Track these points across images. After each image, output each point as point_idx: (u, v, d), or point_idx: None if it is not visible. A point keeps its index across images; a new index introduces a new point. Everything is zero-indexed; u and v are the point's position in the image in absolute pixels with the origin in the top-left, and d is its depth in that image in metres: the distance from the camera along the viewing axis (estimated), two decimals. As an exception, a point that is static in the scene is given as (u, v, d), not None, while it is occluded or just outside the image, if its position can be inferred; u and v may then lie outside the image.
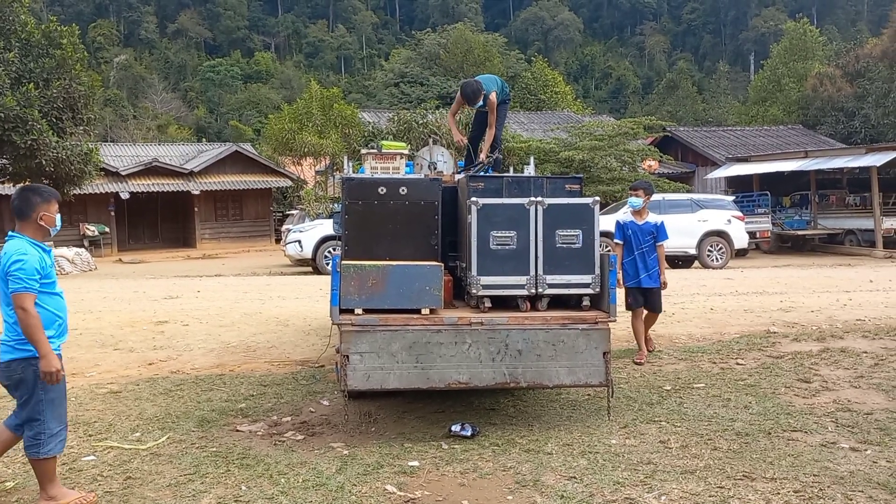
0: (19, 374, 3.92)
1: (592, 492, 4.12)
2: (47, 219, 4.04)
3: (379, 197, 5.56)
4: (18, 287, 3.82)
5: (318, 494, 4.12)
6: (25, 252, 3.89)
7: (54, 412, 3.99)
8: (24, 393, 3.94)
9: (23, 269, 3.83)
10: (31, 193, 4.07)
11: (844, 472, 4.35)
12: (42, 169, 18.75)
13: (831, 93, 37.63)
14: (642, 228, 7.54)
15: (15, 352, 3.91)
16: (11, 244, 3.95)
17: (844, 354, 7.42)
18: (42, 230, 4.04)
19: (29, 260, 3.87)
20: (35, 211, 4.01)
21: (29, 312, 3.80)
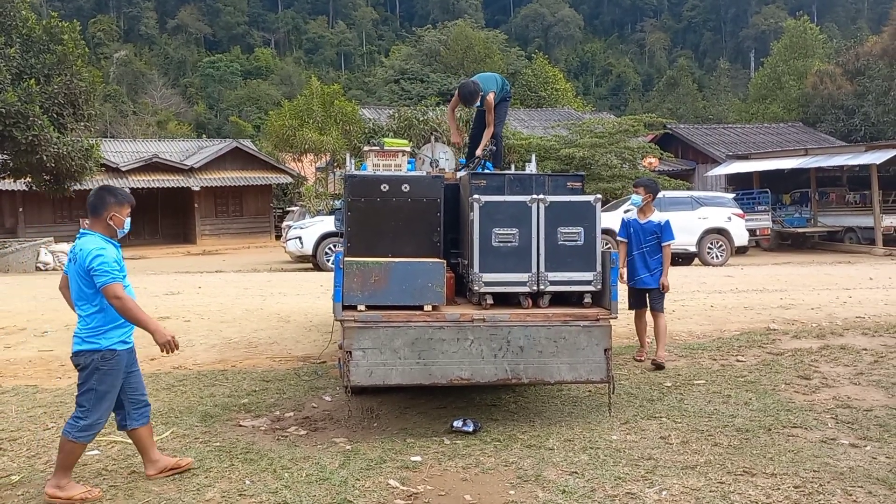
0: (83, 363, 4.17)
1: (594, 487, 4.15)
2: (116, 220, 4.25)
3: (382, 194, 5.59)
4: (106, 279, 4.02)
5: (321, 489, 4.15)
6: (102, 247, 4.11)
7: (101, 406, 4.17)
8: (82, 380, 4.18)
9: (104, 262, 4.04)
10: (107, 194, 4.28)
11: (844, 467, 4.38)
12: (43, 164, 18.78)
13: (831, 90, 37.62)
14: (644, 227, 7.32)
15: (84, 343, 4.17)
16: (86, 241, 4.15)
17: (844, 351, 7.46)
18: (110, 229, 4.25)
19: (107, 253, 4.10)
20: (107, 210, 4.21)
21: (123, 299, 4.04)
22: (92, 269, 4.03)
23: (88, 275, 4.07)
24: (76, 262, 4.14)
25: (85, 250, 4.07)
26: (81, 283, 4.12)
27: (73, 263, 4.20)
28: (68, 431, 4.12)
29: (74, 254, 4.16)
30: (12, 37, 18.73)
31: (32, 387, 6.59)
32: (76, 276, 4.15)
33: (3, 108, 17.09)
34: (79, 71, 19.51)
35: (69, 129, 19.84)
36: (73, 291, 4.21)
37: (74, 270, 4.16)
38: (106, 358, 4.15)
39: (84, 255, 4.06)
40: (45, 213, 29.62)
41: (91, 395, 4.13)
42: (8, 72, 17.78)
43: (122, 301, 4.03)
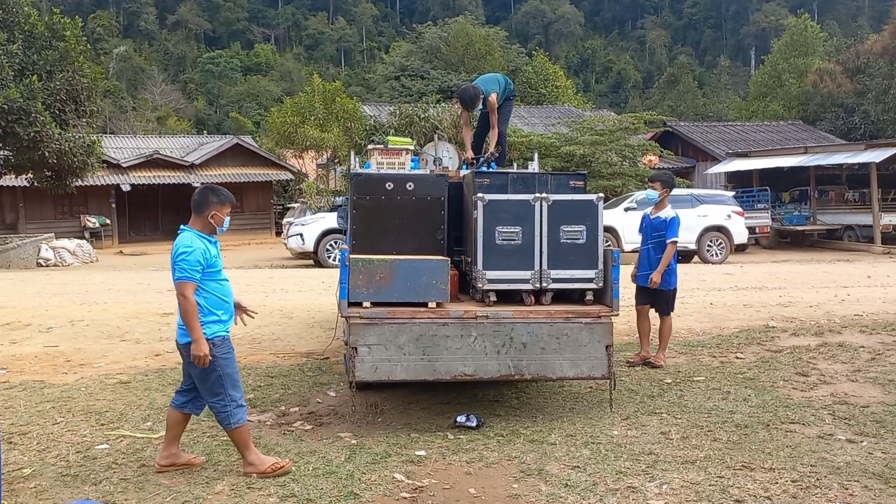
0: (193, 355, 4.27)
1: (595, 481, 4.23)
2: (217, 219, 4.44)
3: (386, 192, 5.67)
4: (181, 276, 4.22)
5: (328, 482, 4.23)
6: (191, 245, 4.27)
7: (234, 384, 4.37)
8: (206, 372, 4.29)
9: (186, 261, 4.22)
10: (211, 193, 4.49)
11: (841, 462, 4.46)
12: (45, 161, 18.86)
13: (831, 89, 37.70)
14: (652, 222, 7.07)
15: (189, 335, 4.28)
16: (182, 237, 4.35)
17: (842, 349, 7.54)
18: (210, 227, 4.44)
19: (194, 252, 4.25)
20: (209, 209, 4.41)
21: (188, 300, 4.21)
22: (175, 262, 4.25)
23: None
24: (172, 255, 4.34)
25: (177, 245, 4.29)
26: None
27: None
28: (227, 423, 4.33)
29: (173, 248, 4.34)
30: (15, 33, 18.79)
31: (39, 382, 6.65)
32: (172, 268, 4.33)
33: (6, 105, 17.15)
34: (80, 67, 19.58)
35: (71, 125, 19.92)
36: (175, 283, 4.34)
37: (172, 263, 4.35)
38: (216, 345, 4.32)
39: (175, 250, 4.28)
40: (46, 210, 29.65)
41: (221, 380, 4.32)
42: (10, 68, 17.85)
43: (186, 301, 4.21)
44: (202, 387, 4.37)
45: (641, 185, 23.00)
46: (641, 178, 23.76)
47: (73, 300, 11.56)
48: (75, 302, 11.34)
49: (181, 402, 4.51)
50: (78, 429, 5.27)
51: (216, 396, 4.33)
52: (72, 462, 4.61)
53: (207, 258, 4.31)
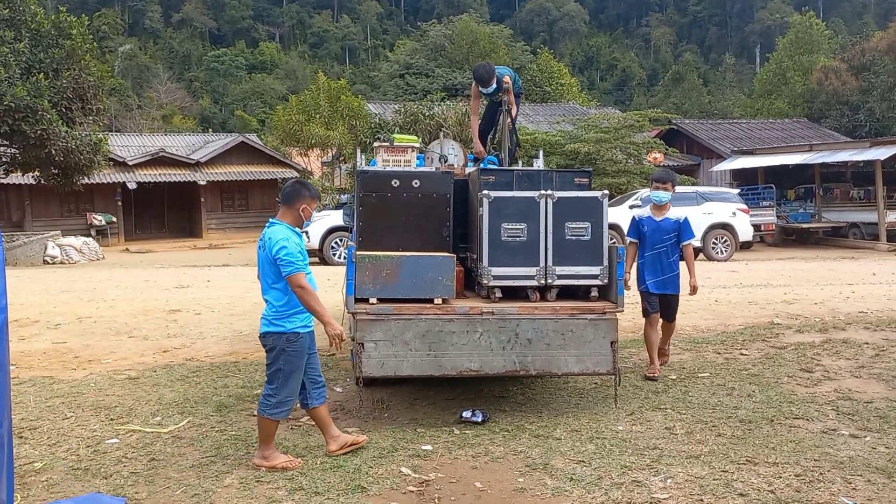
0: (270, 345, 4.48)
1: (601, 475, 4.27)
2: (307, 212, 4.59)
3: (392, 189, 5.71)
4: (291, 269, 4.32)
5: (336, 476, 4.28)
6: (287, 237, 4.40)
7: (289, 384, 4.48)
8: (271, 360, 4.50)
9: (290, 253, 4.34)
10: (302, 187, 4.62)
11: (844, 457, 4.49)
12: (51, 158, 18.96)
13: (836, 86, 37.58)
14: (661, 226, 6.59)
15: (271, 325, 4.47)
16: (275, 231, 4.46)
17: (846, 345, 7.56)
18: (299, 220, 4.57)
19: (291, 244, 4.38)
20: (300, 202, 4.55)
21: (306, 289, 4.33)
22: (278, 258, 4.33)
23: (275, 263, 4.36)
24: (265, 249, 4.43)
25: (273, 239, 4.38)
26: (269, 270, 4.43)
27: (262, 251, 4.50)
28: (263, 409, 4.45)
29: (264, 242, 4.46)
30: (21, 31, 18.87)
31: (49, 378, 6.72)
32: (266, 263, 4.44)
33: (13, 103, 17.25)
34: (87, 65, 19.68)
35: (77, 123, 20.02)
36: (263, 277, 4.51)
37: (263, 258, 4.46)
38: (291, 340, 4.44)
39: (272, 245, 4.37)
40: (53, 207, 29.77)
41: (279, 374, 4.45)
42: (17, 66, 17.93)
43: (305, 291, 4.32)
44: (267, 371, 4.53)
45: (646, 182, 22.98)
46: (646, 176, 23.75)
47: (81, 297, 11.63)
48: (83, 299, 11.41)
49: (305, 401, 4.63)
50: (88, 424, 5.33)
51: (270, 384, 4.48)
52: (82, 456, 4.67)
53: (301, 251, 4.43)
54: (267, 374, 4.53)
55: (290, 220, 4.53)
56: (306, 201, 4.56)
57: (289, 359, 4.44)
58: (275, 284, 4.44)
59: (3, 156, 20.16)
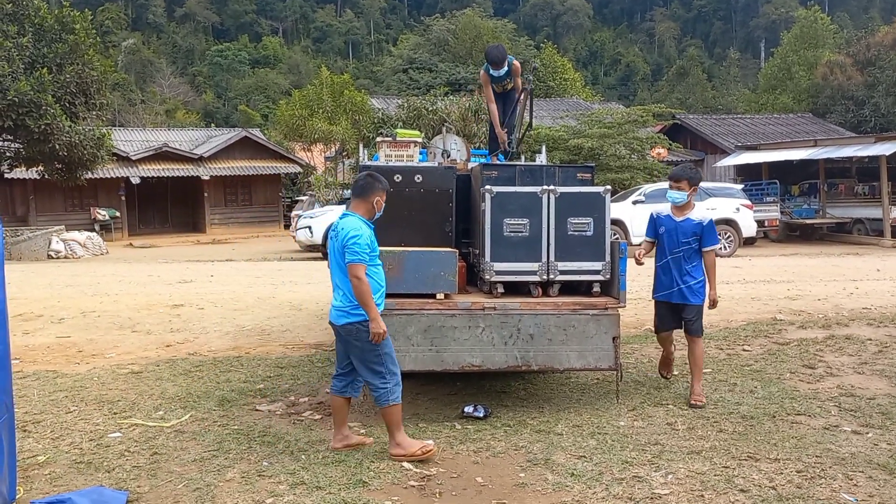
0: (356, 335, 4.48)
1: (602, 470, 4.27)
2: (379, 204, 4.63)
3: (395, 185, 5.70)
4: (354, 258, 4.37)
5: (337, 470, 4.29)
6: (360, 228, 4.45)
7: (393, 363, 4.54)
8: (362, 351, 4.49)
9: (358, 244, 4.38)
10: (375, 179, 4.65)
11: (846, 453, 4.49)
12: (55, 153, 19.00)
13: (841, 81, 37.44)
14: (681, 226, 5.69)
15: (350, 316, 4.48)
16: (349, 222, 4.50)
17: (849, 341, 7.55)
18: (372, 211, 4.61)
19: (363, 235, 4.43)
20: (374, 194, 4.60)
21: (362, 280, 4.37)
22: (346, 246, 4.39)
23: (345, 252, 4.41)
24: (337, 239, 4.49)
25: (346, 230, 4.44)
26: (342, 260, 4.46)
27: (334, 241, 4.55)
28: (385, 400, 4.47)
29: (336, 232, 4.52)
30: (25, 26, 18.90)
31: (52, 372, 6.74)
32: (338, 252, 4.49)
33: (17, 98, 17.28)
34: (90, 60, 19.70)
35: (81, 118, 20.06)
36: (335, 266, 4.55)
37: (336, 248, 4.51)
38: None
39: (344, 234, 4.43)
40: (56, 202, 29.81)
41: (380, 358, 4.48)
42: (21, 61, 17.96)
43: (360, 282, 4.36)
44: (362, 366, 4.51)
45: (650, 178, 22.96)
46: (650, 171, 23.72)
47: (85, 292, 11.66)
48: (86, 293, 11.45)
49: (340, 386, 4.68)
50: (91, 417, 5.35)
51: (376, 374, 4.48)
52: (85, 450, 4.69)
53: (371, 244, 4.47)
54: (368, 365, 4.49)
55: (362, 211, 4.57)
56: (379, 193, 4.60)
57: (383, 341, 4.47)
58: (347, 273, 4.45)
59: (7, 151, 20.20)
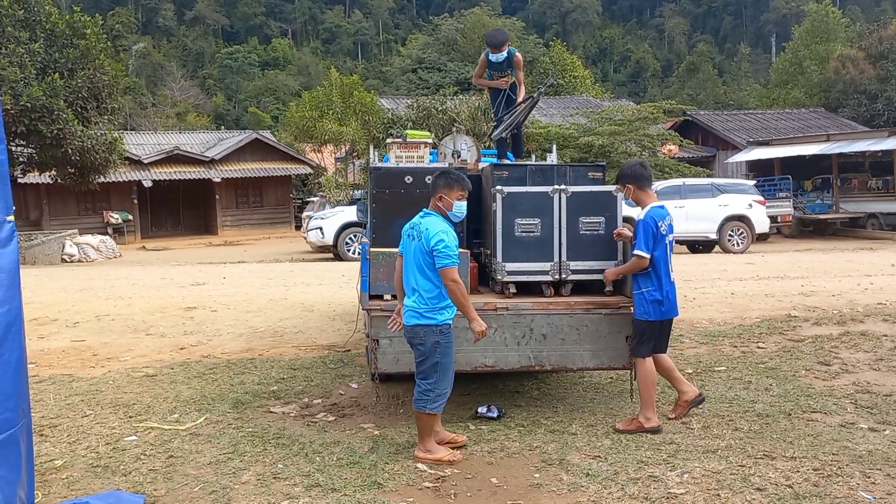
0: (421, 338, 4.44)
1: (617, 470, 4.26)
2: (445, 202, 4.52)
3: (405, 186, 5.71)
4: (447, 262, 4.32)
5: (352, 472, 4.29)
6: (446, 230, 4.41)
7: (446, 376, 4.48)
8: (424, 355, 4.45)
9: (448, 246, 4.34)
10: (437, 177, 4.62)
11: (863, 451, 4.46)
12: (68, 158, 19.14)
13: (854, 75, 37.14)
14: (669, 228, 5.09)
15: (422, 318, 4.42)
16: (432, 222, 4.45)
17: (864, 338, 7.49)
18: (440, 210, 4.53)
19: (449, 236, 4.39)
20: (437, 191, 4.54)
21: (458, 283, 4.35)
22: (435, 250, 4.32)
23: (430, 254, 4.34)
24: (419, 239, 4.41)
25: (431, 231, 4.36)
26: (422, 261, 4.40)
27: (413, 240, 4.48)
28: (422, 406, 4.44)
29: (419, 232, 4.44)
30: (36, 32, 19.03)
31: (68, 376, 6.79)
32: (418, 252, 4.41)
33: (29, 103, 17.39)
34: (101, 65, 19.82)
35: (93, 122, 20.17)
36: (413, 267, 4.45)
37: (416, 248, 4.43)
38: (444, 332, 4.43)
39: (429, 235, 4.35)
40: (70, 206, 30.06)
41: (438, 367, 4.43)
42: (33, 66, 18.08)
43: (458, 285, 4.34)
44: (418, 368, 4.50)
45: (661, 175, 22.87)
46: (661, 169, 23.62)
47: (98, 295, 11.74)
48: (100, 297, 11.52)
49: None
50: (107, 421, 5.38)
51: (427, 378, 4.46)
52: (101, 453, 4.72)
53: (456, 244, 4.42)
54: (421, 369, 4.47)
55: (437, 210, 4.53)
56: (441, 191, 4.53)
57: (444, 350, 4.43)
58: (428, 275, 4.40)
59: (20, 156, 20.35)
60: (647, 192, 5.15)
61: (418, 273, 4.44)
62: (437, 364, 4.43)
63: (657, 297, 4.93)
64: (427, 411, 4.44)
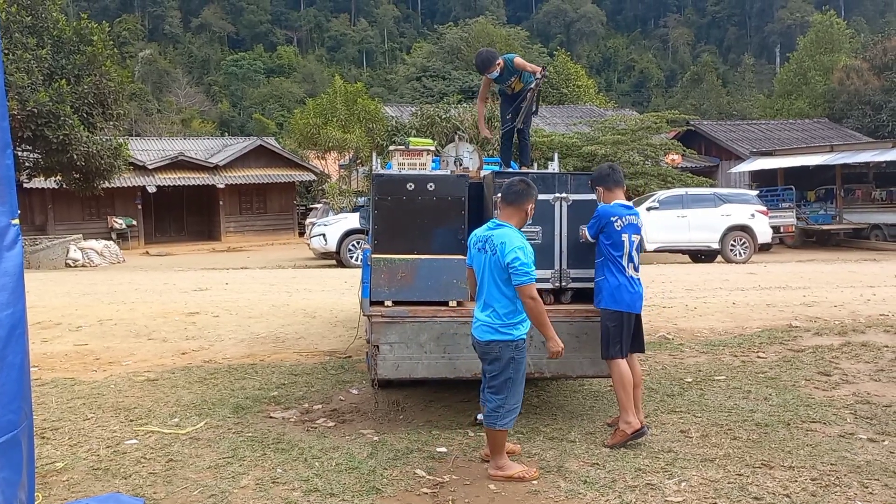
0: (496, 354, 4.32)
1: (615, 478, 4.27)
2: (531, 212, 4.47)
3: (407, 193, 5.73)
4: (525, 280, 4.18)
5: (351, 477, 4.31)
6: (523, 245, 4.26)
7: (518, 391, 4.38)
8: (498, 371, 4.33)
9: (524, 263, 4.19)
10: (529, 186, 4.44)
11: (861, 461, 4.46)
12: (73, 163, 19.23)
13: (858, 86, 37.19)
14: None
15: (498, 334, 4.31)
16: (508, 235, 4.29)
17: (865, 348, 7.49)
18: (524, 220, 4.47)
19: (525, 252, 4.23)
20: (529, 201, 4.42)
21: (537, 301, 4.23)
22: (512, 266, 4.19)
23: (506, 269, 4.22)
24: (494, 253, 4.27)
25: (507, 245, 4.22)
26: (497, 276, 4.28)
27: (485, 253, 4.34)
28: (493, 423, 4.32)
29: (493, 245, 4.28)
30: (44, 38, 19.14)
31: (70, 379, 6.81)
32: (494, 267, 4.28)
33: (36, 108, 17.50)
34: (108, 71, 19.93)
35: (98, 128, 20.29)
36: (488, 281, 4.33)
37: (491, 262, 4.30)
38: (519, 348, 4.35)
39: (505, 250, 4.21)
40: (74, 211, 30.18)
41: (509, 383, 4.32)
42: (40, 72, 18.19)
43: (537, 303, 4.24)
44: (492, 384, 4.36)
45: (664, 184, 22.90)
46: (664, 178, 23.66)
47: (102, 300, 11.78)
48: (103, 301, 11.55)
49: None
50: (108, 424, 5.41)
51: (498, 394, 4.34)
52: (102, 456, 4.74)
53: (533, 258, 4.31)
54: (494, 384, 4.34)
55: (516, 221, 4.41)
56: (532, 201, 4.45)
57: (518, 367, 4.34)
58: (503, 290, 4.28)
59: (26, 161, 20.45)
60: (614, 192, 5.21)
61: (493, 288, 4.32)
62: (510, 380, 4.32)
63: (613, 284, 4.98)
64: (498, 428, 4.32)
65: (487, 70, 6.66)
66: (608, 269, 5.03)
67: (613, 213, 5.04)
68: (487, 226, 4.48)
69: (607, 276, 5.03)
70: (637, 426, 4.82)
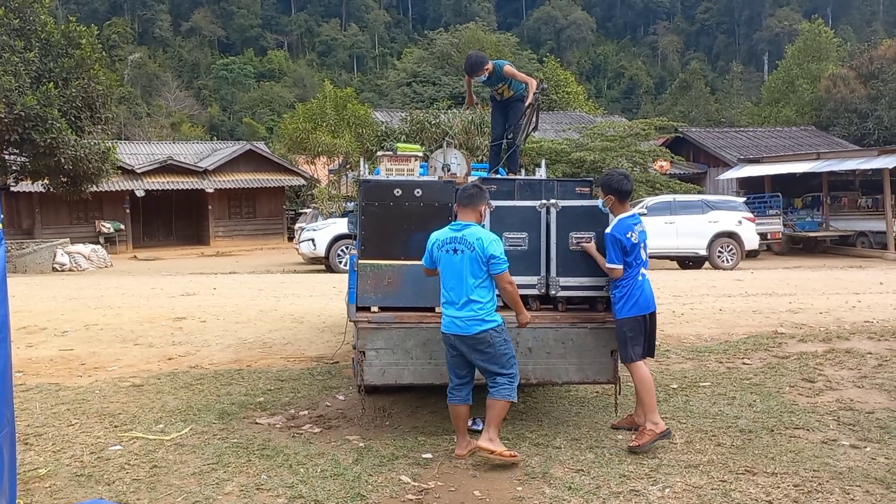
0: (489, 340, 4.65)
1: (599, 484, 4.28)
2: (485, 212, 4.93)
3: (394, 198, 5.72)
4: (504, 267, 4.64)
5: (335, 484, 4.31)
6: (495, 238, 4.74)
7: (516, 365, 4.78)
8: (495, 352, 4.67)
9: (502, 253, 4.66)
10: (480, 189, 4.88)
11: (843, 467, 4.50)
12: (61, 167, 19.14)
13: (845, 94, 37.54)
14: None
15: (485, 323, 4.64)
16: (478, 232, 4.71)
17: (849, 355, 7.54)
18: (480, 220, 4.85)
19: (499, 243, 4.73)
20: (482, 203, 4.83)
21: (514, 284, 4.74)
22: (493, 256, 4.59)
23: (486, 262, 4.59)
24: (472, 250, 4.61)
25: (484, 240, 4.63)
26: (476, 271, 4.62)
27: (460, 254, 4.65)
28: (510, 394, 4.67)
29: (468, 243, 4.62)
30: (31, 41, 19.06)
31: (55, 385, 6.77)
32: (472, 263, 4.61)
33: (23, 112, 17.42)
34: (96, 74, 19.88)
35: (86, 131, 20.21)
36: (465, 279, 4.62)
37: (470, 258, 4.62)
38: (503, 328, 4.72)
39: (484, 244, 4.61)
40: (62, 215, 29.99)
41: (507, 356, 4.70)
42: (27, 76, 18.11)
43: (513, 287, 4.73)
44: (494, 366, 4.66)
45: (652, 191, 23.01)
46: (652, 185, 23.78)
47: (88, 304, 11.71)
48: (90, 306, 11.49)
49: (464, 395, 4.83)
50: (92, 430, 5.38)
51: (508, 369, 4.68)
52: (86, 462, 4.72)
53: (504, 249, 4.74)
54: (501, 363, 4.66)
55: (475, 219, 4.77)
56: (486, 203, 4.84)
57: (507, 341, 4.70)
58: (483, 282, 4.63)
59: (13, 164, 20.35)
60: (625, 205, 5.26)
61: (473, 283, 4.63)
62: (505, 354, 4.68)
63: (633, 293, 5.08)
64: (510, 399, 4.65)
65: (476, 73, 6.70)
66: (626, 278, 5.09)
67: (627, 230, 5.09)
68: (451, 227, 4.76)
69: (627, 285, 5.09)
70: (664, 427, 4.95)
